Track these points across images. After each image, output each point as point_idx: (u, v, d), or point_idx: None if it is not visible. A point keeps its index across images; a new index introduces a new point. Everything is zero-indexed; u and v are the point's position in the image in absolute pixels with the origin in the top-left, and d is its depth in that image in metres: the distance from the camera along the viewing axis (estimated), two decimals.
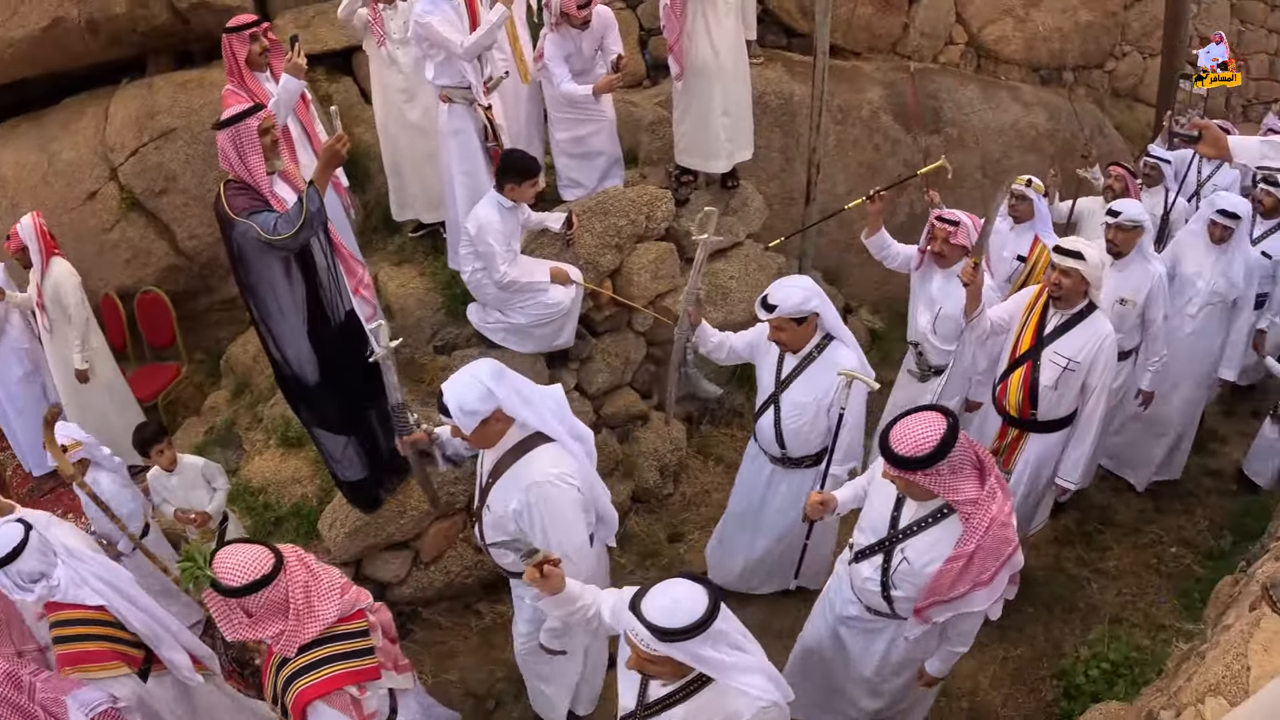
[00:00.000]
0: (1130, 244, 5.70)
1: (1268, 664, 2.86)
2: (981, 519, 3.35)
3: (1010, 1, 9.80)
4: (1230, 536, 6.50)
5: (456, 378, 3.54)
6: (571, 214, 5.99)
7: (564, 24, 6.23)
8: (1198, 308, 6.39)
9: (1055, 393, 5.03)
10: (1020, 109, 9.58)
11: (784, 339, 4.67)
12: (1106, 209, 5.87)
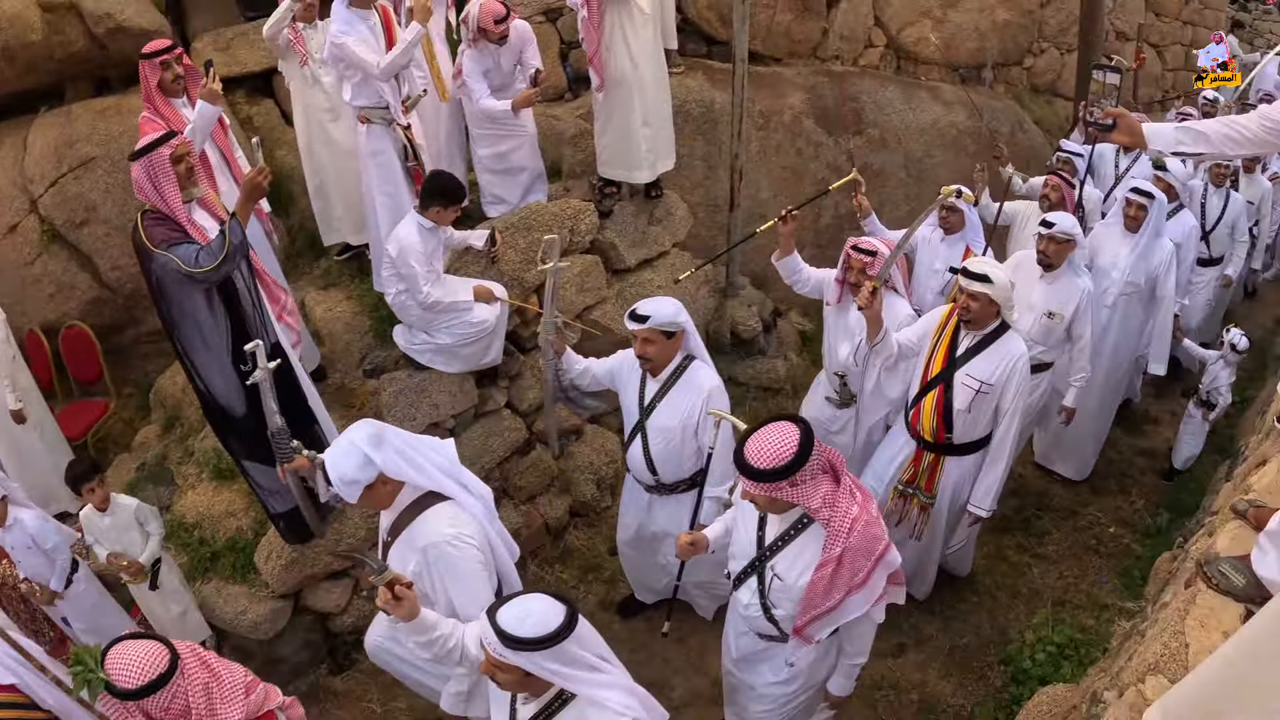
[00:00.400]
0: (1062, 256, 5.71)
1: (1205, 640, 2.90)
2: (841, 521, 3.33)
3: (928, 3, 9.97)
4: (1166, 514, 6.72)
5: (335, 446, 3.43)
6: (494, 231, 6.04)
7: (481, 39, 6.25)
8: (1114, 298, 6.48)
9: (969, 415, 4.96)
10: (941, 108, 9.77)
11: (652, 353, 4.60)
12: (1040, 219, 5.88)
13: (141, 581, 5.03)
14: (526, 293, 6.36)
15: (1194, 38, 14.18)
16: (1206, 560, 3.24)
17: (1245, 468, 4.56)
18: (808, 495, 3.28)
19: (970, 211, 6.54)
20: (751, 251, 7.92)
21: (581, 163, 7.33)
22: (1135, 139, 3.38)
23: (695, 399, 4.63)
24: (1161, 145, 3.34)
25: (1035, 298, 5.81)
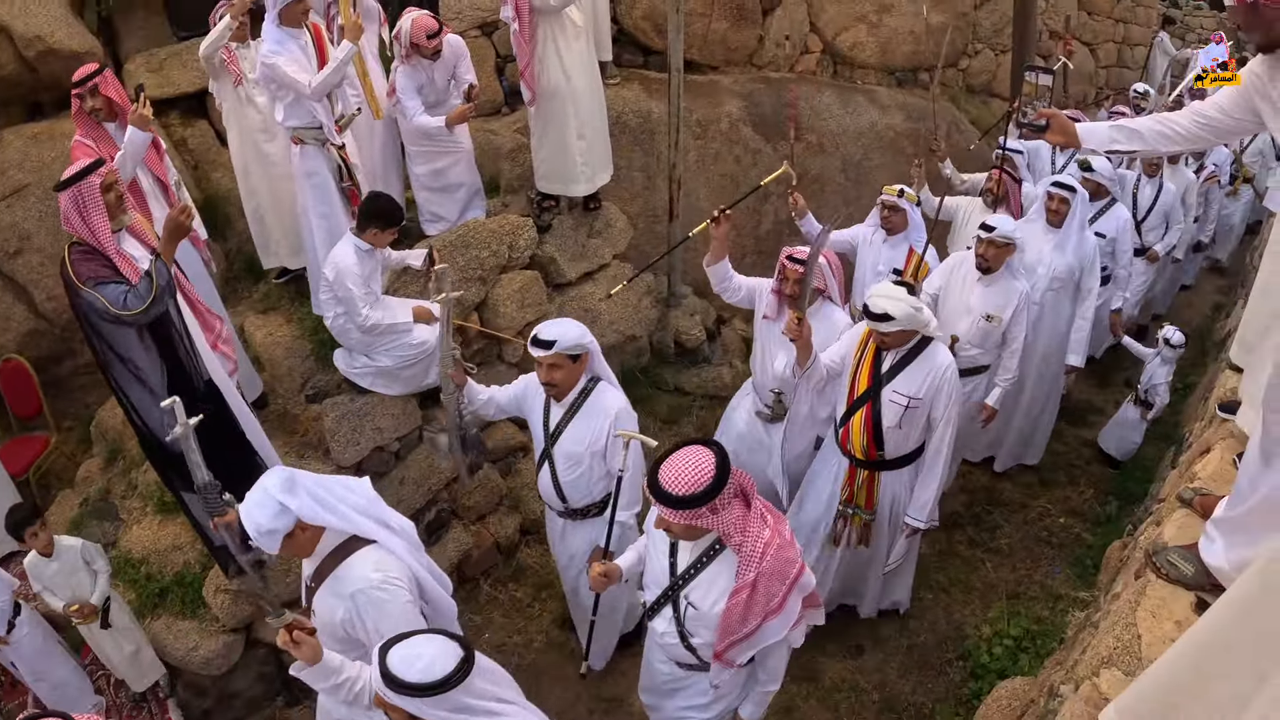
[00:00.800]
0: (1001, 260, 5.73)
1: (1157, 630, 2.94)
2: (754, 546, 3.23)
3: (863, 8, 10.06)
4: (1115, 502, 6.85)
5: (248, 498, 3.29)
6: (432, 250, 5.97)
7: (414, 55, 6.20)
8: (1040, 294, 6.49)
9: (900, 431, 4.86)
10: (877, 111, 9.85)
11: (558, 378, 4.43)
12: (981, 223, 5.85)
13: (93, 621, 4.90)
14: (467, 311, 6.33)
15: (1126, 35, 14.48)
16: (1155, 550, 3.26)
17: (1190, 455, 4.61)
18: (724, 522, 3.19)
19: (913, 211, 6.54)
20: (693, 260, 7.92)
21: (519, 177, 7.31)
22: (1069, 138, 3.41)
23: (602, 422, 4.50)
24: (1095, 144, 3.36)
25: (973, 300, 5.84)
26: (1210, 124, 3.03)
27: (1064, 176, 6.58)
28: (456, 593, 6.04)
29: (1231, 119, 2.95)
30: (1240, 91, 2.84)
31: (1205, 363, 8.46)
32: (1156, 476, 6.40)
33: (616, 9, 8.30)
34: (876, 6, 10.13)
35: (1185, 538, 3.31)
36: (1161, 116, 3.21)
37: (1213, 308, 10.87)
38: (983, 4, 11.47)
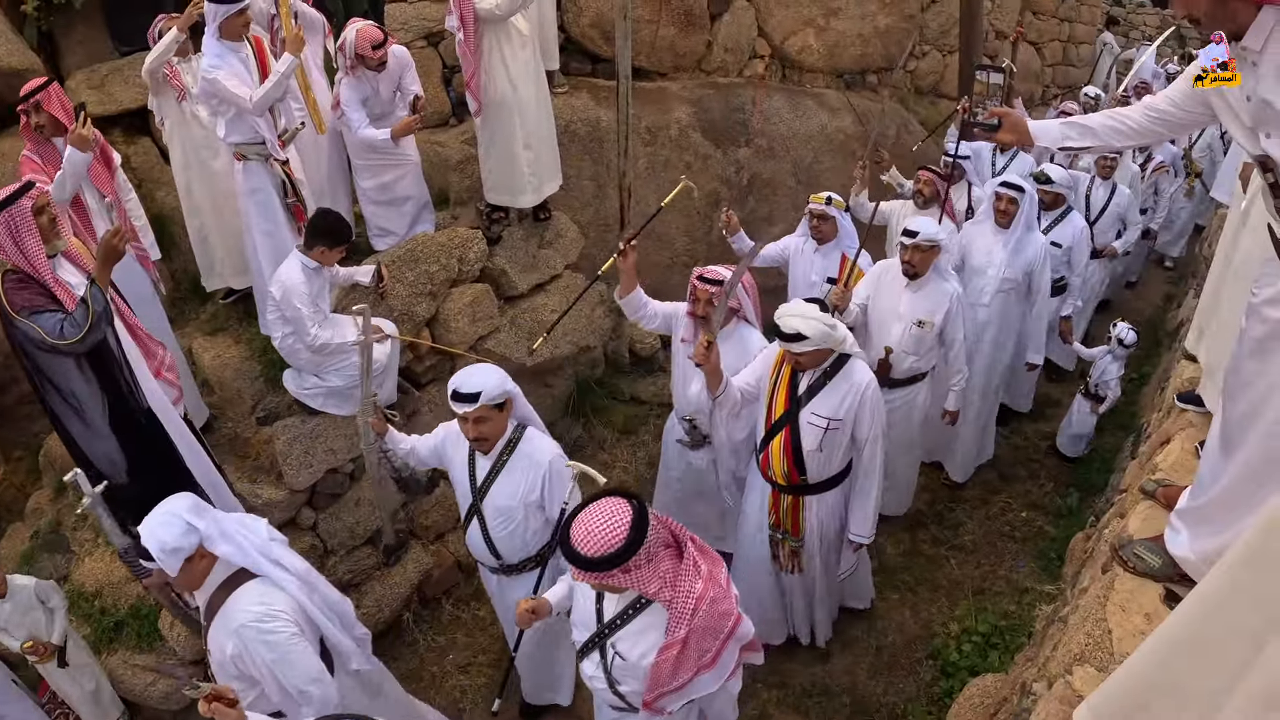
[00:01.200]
0: (927, 264, 5.62)
1: (1127, 624, 2.95)
2: (685, 602, 3.02)
3: (810, 12, 10.09)
4: (1076, 493, 6.92)
5: (151, 517, 3.27)
6: (380, 265, 5.92)
7: (359, 67, 6.15)
8: (990, 296, 6.48)
9: (822, 455, 4.67)
10: (827, 114, 9.89)
11: (487, 431, 4.14)
12: (903, 229, 5.72)
13: (50, 661, 4.77)
14: (418, 327, 6.27)
15: (1071, 34, 14.68)
16: (1121, 544, 3.27)
17: (1150, 446, 4.66)
18: (644, 580, 2.99)
19: (843, 218, 6.46)
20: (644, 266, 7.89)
21: (468, 189, 7.25)
22: (1021, 137, 3.38)
23: (534, 474, 4.20)
24: (1048, 141, 3.34)
25: (903, 307, 5.74)
26: (1163, 117, 3.03)
27: (1011, 176, 6.54)
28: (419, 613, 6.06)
29: (1184, 112, 2.95)
30: (1192, 85, 2.84)
31: (1159, 353, 8.62)
32: (1116, 467, 6.50)
33: (564, 17, 8.26)
34: (824, 10, 10.17)
35: (1150, 530, 3.33)
36: (1114, 111, 3.21)
37: (1163, 298, 11.09)
38: (929, 6, 11.56)
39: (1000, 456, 7.45)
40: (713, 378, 4.57)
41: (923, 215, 6.44)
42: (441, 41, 7.85)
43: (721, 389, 4.63)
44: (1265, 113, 2.48)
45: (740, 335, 5.20)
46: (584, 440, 7.42)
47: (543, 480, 4.19)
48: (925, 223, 5.65)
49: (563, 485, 4.24)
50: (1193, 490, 3.06)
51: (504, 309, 6.98)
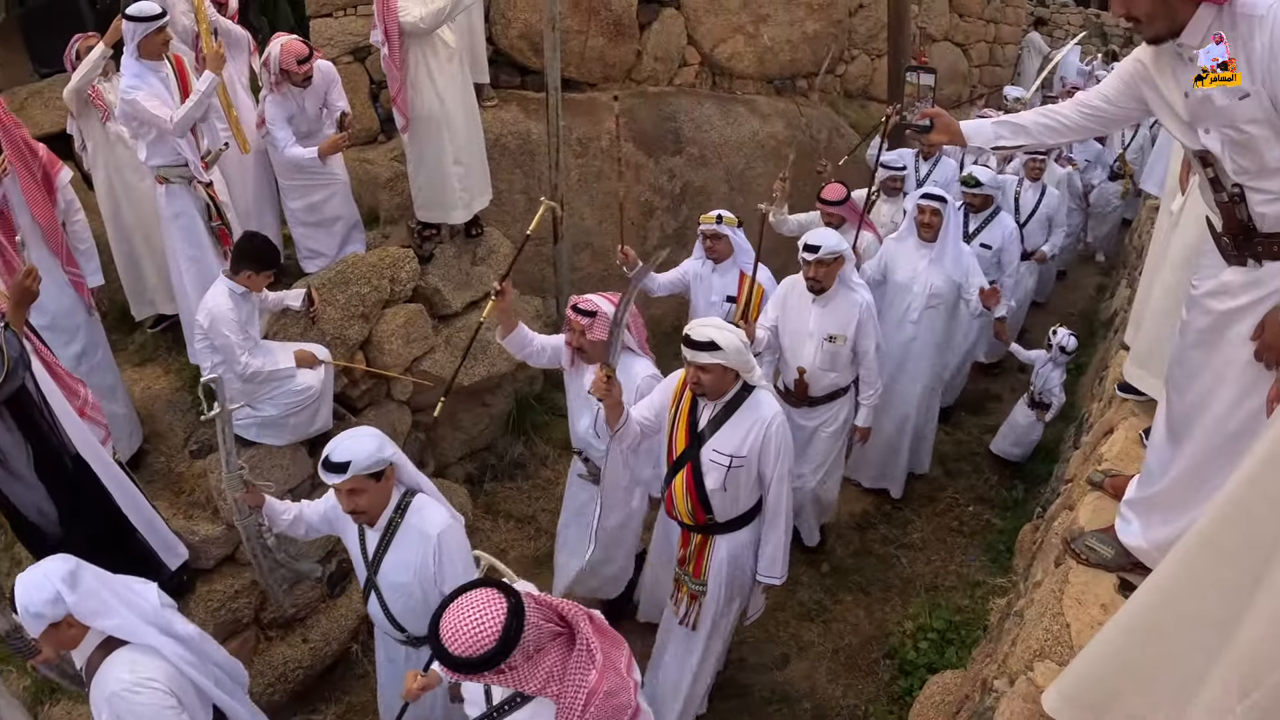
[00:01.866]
0: (832, 277, 5.47)
1: (1084, 616, 3.01)
2: (574, 697, 2.67)
3: (739, 19, 10.17)
4: (1021, 485, 7.08)
5: (27, 574, 3.15)
6: (310, 289, 5.83)
7: (284, 83, 6.08)
8: (918, 313, 6.40)
9: (727, 494, 4.32)
10: (758, 121, 9.98)
11: (363, 504, 3.76)
12: (803, 244, 5.49)
13: None
14: (351, 351, 6.20)
15: (997, 35, 14.97)
16: (1072, 537, 3.33)
17: (1093, 437, 4.76)
18: (523, 679, 2.65)
19: (736, 235, 6.17)
20: (579, 280, 7.91)
21: (399, 207, 7.21)
22: (953, 137, 3.40)
23: (424, 548, 3.80)
24: (980, 142, 3.35)
25: (812, 324, 5.61)
26: (1096, 114, 3.08)
27: (932, 187, 6.53)
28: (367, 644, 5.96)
29: (1117, 108, 3.00)
30: (1125, 79, 2.90)
31: (1094, 343, 8.81)
32: (1059, 458, 6.63)
33: (492, 29, 8.23)
34: (753, 17, 10.26)
35: (1100, 521, 3.39)
36: (1046, 109, 3.25)
37: (1096, 289, 11.41)
38: (857, 11, 11.73)
39: (944, 453, 7.55)
40: (613, 412, 4.26)
41: (824, 226, 6.51)
42: (368, 56, 7.80)
43: (621, 423, 4.32)
44: (1204, 108, 2.55)
45: (624, 365, 4.81)
46: (525, 458, 7.38)
47: (434, 554, 3.81)
48: (825, 235, 5.49)
49: (456, 562, 3.87)
50: (1141, 480, 3.12)
51: (438, 328, 6.93)
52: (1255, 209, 2.57)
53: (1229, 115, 2.49)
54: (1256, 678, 1.76)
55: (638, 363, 4.94)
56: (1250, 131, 2.46)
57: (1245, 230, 2.62)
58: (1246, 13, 2.40)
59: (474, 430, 7.21)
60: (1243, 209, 2.59)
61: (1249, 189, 2.56)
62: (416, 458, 6.65)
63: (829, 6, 11.06)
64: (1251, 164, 2.52)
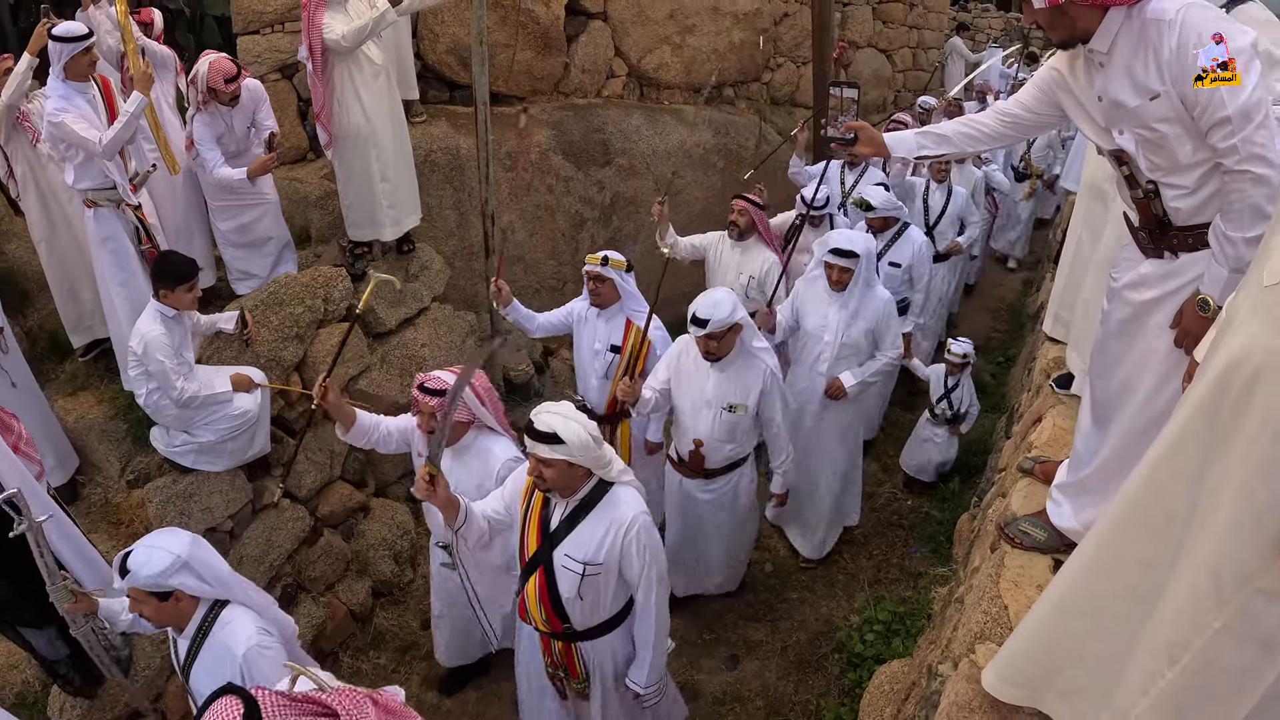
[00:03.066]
0: (729, 345, 5.06)
1: (1021, 598, 3.14)
2: None
3: (666, 30, 10.32)
4: (957, 477, 7.26)
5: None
6: (243, 311, 5.84)
7: (212, 102, 6.09)
8: (829, 364, 6.01)
9: (584, 602, 3.91)
10: (686, 130, 10.18)
11: (150, 614, 3.48)
12: (691, 316, 4.98)
13: None
14: (286, 372, 6.21)
15: (920, 40, 15.33)
16: (1006, 522, 3.49)
17: (1023, 426, 4.92)
18: None
19: (623, 279, 5.65)
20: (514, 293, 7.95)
21: (330, 225, 7.26)
22: (878, 149, 3.52)
23: (231, 666, 3.43)
24: (904, 152, 3.48)
25: (710, 391, 5.18)
26: (1015, 121, 3.23)
27: (843, 239, 5.81)
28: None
29: (1034, 114, 3.17)
30: (1042, 87, 3.08)
31: (1022, 335, 9.08)
32: (992, 448, 6.82)
33: (419, 44, 8.28)
34: (679, 28, 10.43)
35: (1032, 505, 3.56)
36: (967, 118, 3.41)
37: (1022, 282, 11.88)
38: (782, 19, 11.98)
39: (882, 450, 7.77)
40: (446, 511, 3.89)
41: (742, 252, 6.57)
42: (296, 74, 7.82)
43: (461, 520, 3.93)
44: (1116, 111, 2.73)
45: (481, 448, 4.57)
46: None
47: (240, 673, 3.48)
48: (717, 304, 4.92)
49: (267, 677, 3.47)
50: (1070, 465, 3.30)
51: (374, 346, 6.98)
52: (1169, 204, 2.75)
53: (1141, 116, 2.67)
54: (1184, 644, 1.89)
55: (498, 444, 4.59)
56: (1162, 130, 2.64)
57: (1160, 224, 2.80)
58: (1155, 17, 2.59)
59: None
60: (1157, 204, 2.77)
61: (1163, 185, 2.75)
62: (358, 477, 6.69)
63: (754, 16, 11.31)
64: (1164, 161, 2.70)
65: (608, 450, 3.78)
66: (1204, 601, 1.84)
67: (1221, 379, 1.82)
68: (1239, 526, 1.77)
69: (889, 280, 6.82)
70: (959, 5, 19.03)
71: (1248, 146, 2.49)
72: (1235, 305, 1.89)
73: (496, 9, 8.43)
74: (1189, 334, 2.73)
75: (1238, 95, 2.48)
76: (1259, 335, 1.75)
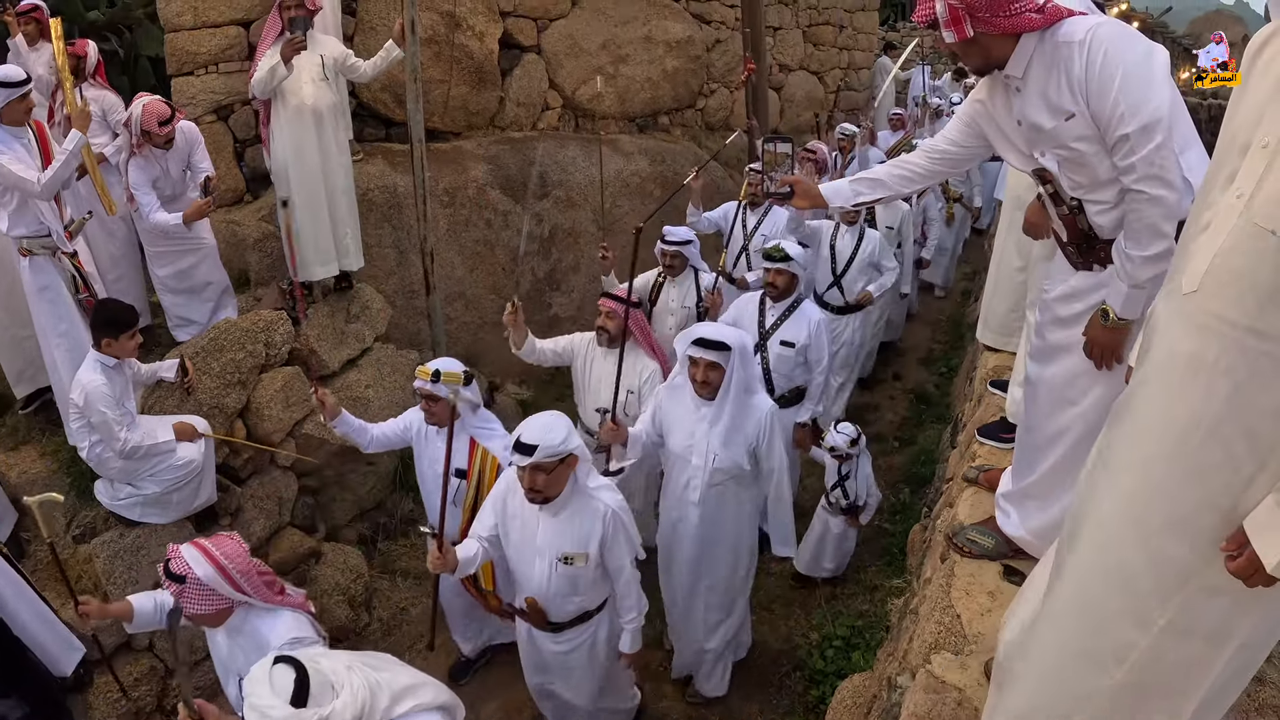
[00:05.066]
0: (559, 483, 4.15)
1: (973, 605, 3.26)
2: None
3: (599, 60, 10.52)
4: (906, 489, 7.43)
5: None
6: (183, 359, 5.86)
7: (146, 145, 6.11)
8: (700, 492, 4.88)
9: None
10: (622, 159, 10.37)
11: None
12: (513, 443, 4.02)
13: None
14: (230, 419, 6.25)
15: (851, 61, 15.68)
16: (954, 532, 3.64)
17: (966, 436, 5.07)
18: None
19: (459, 395, 4.70)
20: (455, 330, 8.08)
21: (269, 267, 7.29)
22: (814, 201, 3.59)
23: None
24: (841, 202, 3.56)
25: (541, 538, 4.30)
26: (945, 157, 3.35)
27: (709, 328, 4.76)
28: None
29: (962, 149, 3.29)
30: (967, 120, 3.21)
31: (963, 345, 9.29)
32: (938, 458, 6.98)
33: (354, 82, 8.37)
34: (612, 58, 10.64)
35: (979, 514, 3.72)
36: (899, 160, 3.50)
37: (961, 294, 12.25)
38: (714, 46, 12.24)
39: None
40: None
41: None
42: (231, 115, 7.86)
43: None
44: (1035, 134, 2.88)
45: (251, 628, 3.87)
46: (416, 514, 7.44)
47: None
48: (547, 428, 4.00)
49: None
50: (1012, 473, 3.46)
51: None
52: (1093, 219, 2.89)
53: (1058, 137, 2.81)
54: (1131, 644, 1.97)
55: (278, 623, 3.88)
56: (1080, 149, 2.78)
57: (1087, 238, 2.95)
58: (1066, 39, 2.73)
59: (362, 490, 7.27)
60: (1082, 219, 2.92)
61: (1086, 201, 2.89)
62: (308, 523, 6.72)
63: (687, 43, 11.57)
64: (1085, 179, 2.85)
65: None
66: (1147, 600, 1.92)
67: (1147, 384, 1.94)
68: (1176, 526, 1.87)
69: (781, 363, 6.15)
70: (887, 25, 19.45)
71: (1146, 166, 2.61)
72: (1156, 314, 1.99)
73: (430, 45, 8.56)
74: (1094, 343, 2.89)
75: (1140, 112, 2.59)
76: (1181, 341, 1.85)
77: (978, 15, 2.72)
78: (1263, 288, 1.70)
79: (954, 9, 2.72)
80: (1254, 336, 1.72)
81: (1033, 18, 2.73)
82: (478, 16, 9.20)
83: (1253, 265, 1.72)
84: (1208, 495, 1.82)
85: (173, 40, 7.59)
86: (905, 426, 8.84)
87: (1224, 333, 1.76)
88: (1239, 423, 1.76)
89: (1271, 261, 1.68)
